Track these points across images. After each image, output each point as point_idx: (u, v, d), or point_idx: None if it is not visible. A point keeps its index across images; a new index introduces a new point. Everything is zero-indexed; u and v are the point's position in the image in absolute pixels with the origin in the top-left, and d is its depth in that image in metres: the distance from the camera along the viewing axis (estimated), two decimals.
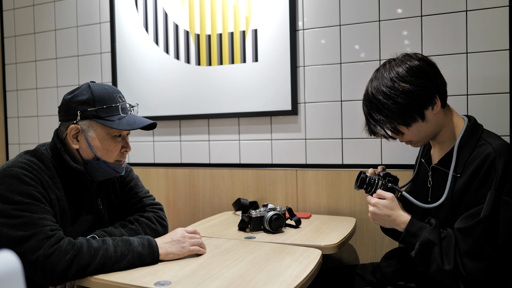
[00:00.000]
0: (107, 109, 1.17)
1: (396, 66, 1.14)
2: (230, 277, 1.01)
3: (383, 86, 1.13)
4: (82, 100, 1.16)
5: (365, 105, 1.19)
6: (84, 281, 1.02)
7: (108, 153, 1.19)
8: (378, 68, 1.19)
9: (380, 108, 1.14)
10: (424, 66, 1.13)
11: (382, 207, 1.17)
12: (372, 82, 1.17)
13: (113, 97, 1.19)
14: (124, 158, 1.25)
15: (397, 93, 1.11)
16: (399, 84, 1.11)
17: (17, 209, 1.02)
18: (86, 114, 1.16)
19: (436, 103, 1.13)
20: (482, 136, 1.14)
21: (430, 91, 1.12)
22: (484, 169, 1.06)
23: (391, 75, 1.13)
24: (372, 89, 1.16)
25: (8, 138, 2.55)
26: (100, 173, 1.21)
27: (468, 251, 1.04)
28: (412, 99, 1.10)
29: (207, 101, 2.02)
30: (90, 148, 1.18)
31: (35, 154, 1.16)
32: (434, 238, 1.07)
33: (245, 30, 1.93)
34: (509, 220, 1.03)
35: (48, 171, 1.14)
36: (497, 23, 1.53)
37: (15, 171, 1.07)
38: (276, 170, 1.90)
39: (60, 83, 2.36)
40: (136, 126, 1.18)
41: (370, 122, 1.18)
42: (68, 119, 1.18)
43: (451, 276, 1.04)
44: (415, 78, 1.11)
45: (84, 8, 2.29)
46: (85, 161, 1.19)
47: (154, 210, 1.33)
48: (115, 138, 1.20)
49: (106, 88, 1.20)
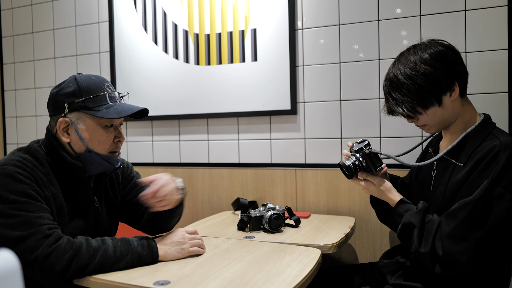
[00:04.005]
0: (94, 99, 1.14)
1: (421, 50, 1.17)
2: (230, 276, 1.00)
3: (405, 67, 1.16)
4: (68, 92, 1.14)
5: (386, 85, 1.22)
6: (83, 281, 1.02)
7: (100, 144, 1.16)
8: (402, 52, 1.22)
9: (399, 88, 1.16)
10: (448, 52, 1.16)
11: (373, 191, 1.26)
12: (395, 64, 1.20)
13: (100, 87, 1.16)
14: (119, 149, 1.21)
15: (417, 74, 1.14)
16: (421, 66, 1.14)
17: (13, 208, 1.01)
18: (74, 106, 1.13)
19: (454, 90, 1.15)
20: (492, 131, 1.16)
21: (450, 77, 1.14)
22: (487, 160, 1.08)
23: (415, 58, 1.16)
24: (395, 69, 1.19)
25: (6, 137, 2.54)
26: (94, 166, 1.17)
27: (450, 232, 1.06)
28: (431, 82, 1.13)
29: (206, 101, 2.01)
30: (81, 140, 1.14)
31: (28, 151, 1.13)
32: (415, 221, 1.12)
33: (244, 30, 1.92)
34: (500, 211, 1.04)
35: (43, 168, 1.12)
36: (496, 22, 1.54)
37: (9, 170, 1.05)
38: (276, 169, 1.90)
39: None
40: (124, 114, 1.14)
41: (390, 101, 1.21)
42: (57, 112, 1.16)
43: (427, 258, 1.09)
44: (437, 61, 1.14)
45: (82, 7, 2.28)
46: (77, 155, 1.16)
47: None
48: (106, 128, 1.16)
49: (92, 78, 1.17)
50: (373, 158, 1.25)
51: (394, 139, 1.71)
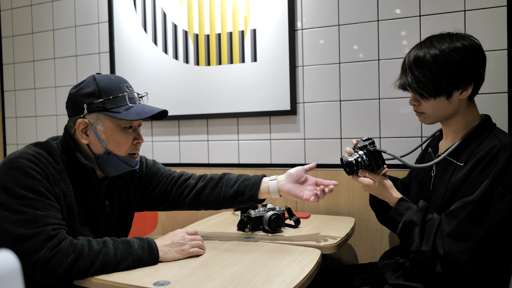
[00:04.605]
0: (113, 100, 1.12)
1: (456, 38, 1.16)
2: (230, 277, 1.00)
3: (435, 49, 1.15)
4: (87, 93, 1.13)
5: (409, 60, 1.19)
6: (83, 281, 1.02)
7: (119, 146, 1.15)
8: (433, 36, 1.20)
9: (423, 66, 1.15)
10: (480, 51, 1.16)
11: (373, 189, 1.25)
12: (423, 45, 1.18)
13: (119, 87, 1.15)
14: (138, 150, 1.20)
15: (444, 60, 1.13)
16: (451, 53, 1.13)
17: (20, 204, 1.00)
18: (93, 107, 1.12)
19: (467, 90, 1.15)
20: (493, 132, 1.16)
21: (471, 75, 1.14)
22: (487, 159, 1.08)
23: (448, 44, 1.15)
24: (426, 47, 1.17)
25: (6, 138, 2.54)
26: (113, 168, 1.16)
27: (451, 231, 1.06)
28: (454, 71, 1.13)
29: (206, 101, 2.01)
30: (100, 142, 1.13)
31: (45, 147, 1.12)
32: (416, 219, 1.11)
33: (244, 30, 1.92)
34: (500, 211, 1.04)
35: (57, 165, 1.11)
36: (496, 23, 1.54)
37: (22, 164, 1.04)
38: (275, 170, 1.90)
39: (58, 83, 2.36)
40: (144, 115, 1.13)
41: (408, 76, 1.19)
42: (76, 113, 1.14)
43: (428, 257, 1.08)
44: (467, 54, 1.13)
45: (82, 8, 2.28)
46: (96, 156, 1.15)
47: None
48: (125, 130, 1.15)
49: (112, 78, 1.16)
50: (376, 157, 1.24)
51: (393, 140, 1.71)
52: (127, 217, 1.32)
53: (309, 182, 1.32)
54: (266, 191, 1.33)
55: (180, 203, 1.39)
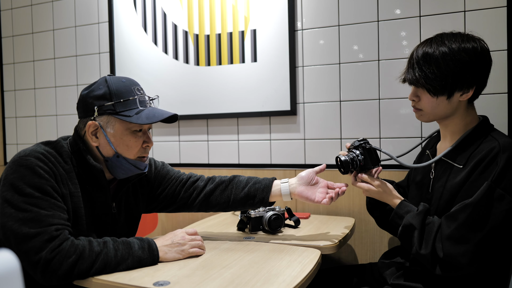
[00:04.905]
0: (124, 103, 1.13)
1: (467, 40, 1.16)
2: (229, 277, 1.00)
3: (444, 46, 1.15)
4: (98, 95, 1.13)
5: (417, 54, 1.18)
6: (83, 281, 1.02)
7: (129, 149, 1.15)
8: (443, 33, 1.19)
9: (430, 62, 1.15)
10: (488, 55, 1.16)
11: (374, 193, 1.25)
12: (433, 40, 1.18)
13: (130, 90, 1.15)
14: (147, 153, 1.20)
15: (453, 58, 1.13)
16: (460, 53, 1.13)
17: (26, 202, 1.00)
18: (103, 110, 1.12)
19: (468, 92, 1.15)
20: (491, 133, 1.16)
21: (475, 77, 1.14)
22: (486, 161, 1.08)
23: (458, 44, 1.14)
24: (436, 44, 1.17)
25: (6, 138, 2.54)
26: (122, 171, 1.17)
27: (450, 234, 1.06)
28: (460, 70, 1.12)
29: (206, 101, 2.02)
30: (110, 144, 1.13)
31: (55, 146, 1.12)
32: (415, 223, 1.12)
33: (244, 30, 1.93)
34: (500, 213, 1.04)
35: (66, 165, 1.11)
36: (495, 23, 1.54)
37: (30, 162, 1.04)
38: (275, 170, 1.90)
39: (58, 83, 2.36)
40: (155, 119, 1.13)
41: (415, 70, 1.18)
42: (86, 115, 1.14)
43: (427, 260, 1.09)
44: (475, 56, 1.13)
45: (82, 8, 2.28)
46: (105, 159, 1.15)
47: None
48: (135, 133, 1.15)
49: (123, 81, 1.16)
50: (372, 155, 1.25)
51: (393, 140, 1.71)
52: (134, 219, 1.31)
53: (320, 185, 1.33)
54: (277, 194, 1.33)
55: (189, 205, 1.38)
